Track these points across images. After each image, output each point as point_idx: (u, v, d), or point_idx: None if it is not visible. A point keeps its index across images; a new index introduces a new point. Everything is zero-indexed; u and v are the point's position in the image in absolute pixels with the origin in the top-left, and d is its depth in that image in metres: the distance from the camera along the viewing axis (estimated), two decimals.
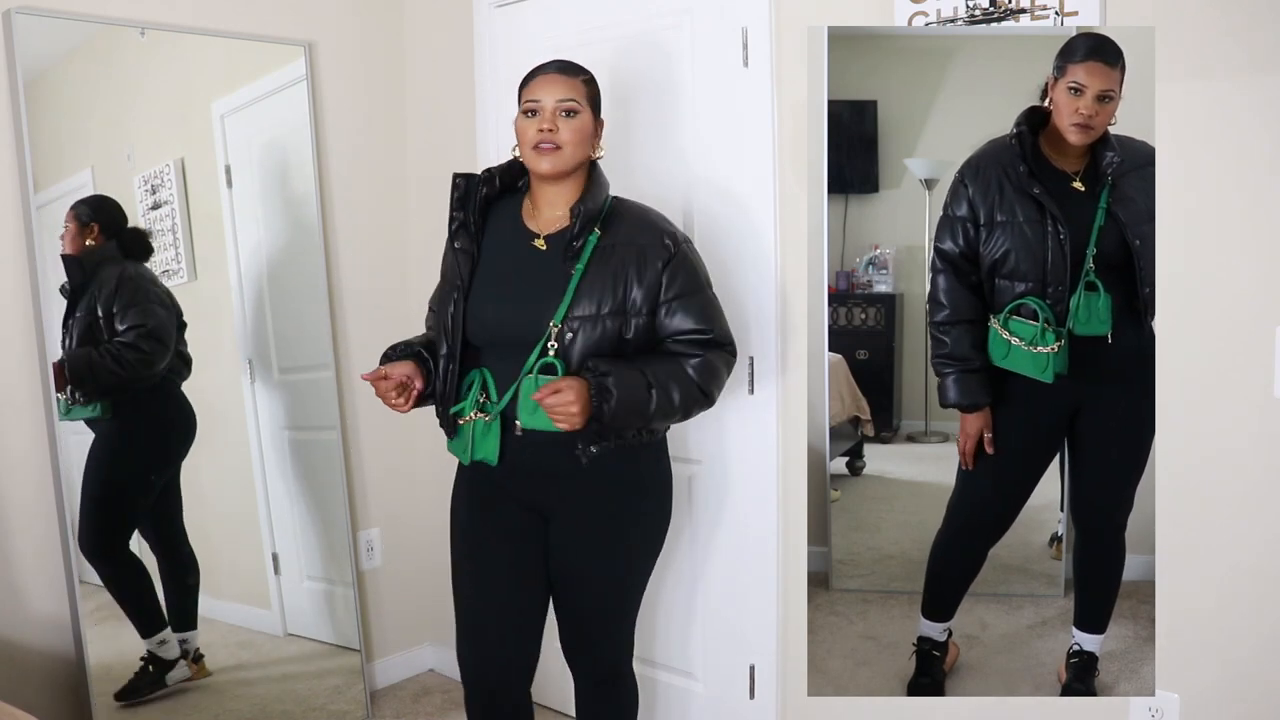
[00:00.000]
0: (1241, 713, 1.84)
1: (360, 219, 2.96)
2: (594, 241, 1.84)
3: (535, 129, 1.84)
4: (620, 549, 1.98)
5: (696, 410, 1.87)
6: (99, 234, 2.47)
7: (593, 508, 1.93)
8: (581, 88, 1.88)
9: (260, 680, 2.74)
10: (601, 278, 1.83)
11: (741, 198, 2.35)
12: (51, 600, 2.44)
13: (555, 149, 1.84)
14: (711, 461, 2.48)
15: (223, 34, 2.64)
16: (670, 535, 2.57)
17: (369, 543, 3.02)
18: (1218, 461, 1.82)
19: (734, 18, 2.30)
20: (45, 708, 2.37)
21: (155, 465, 2.60)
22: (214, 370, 2.65)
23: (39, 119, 2.35)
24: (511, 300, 1.87)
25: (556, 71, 1.89)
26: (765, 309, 2.34)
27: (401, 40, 3.03)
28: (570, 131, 1.84)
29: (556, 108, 1.84)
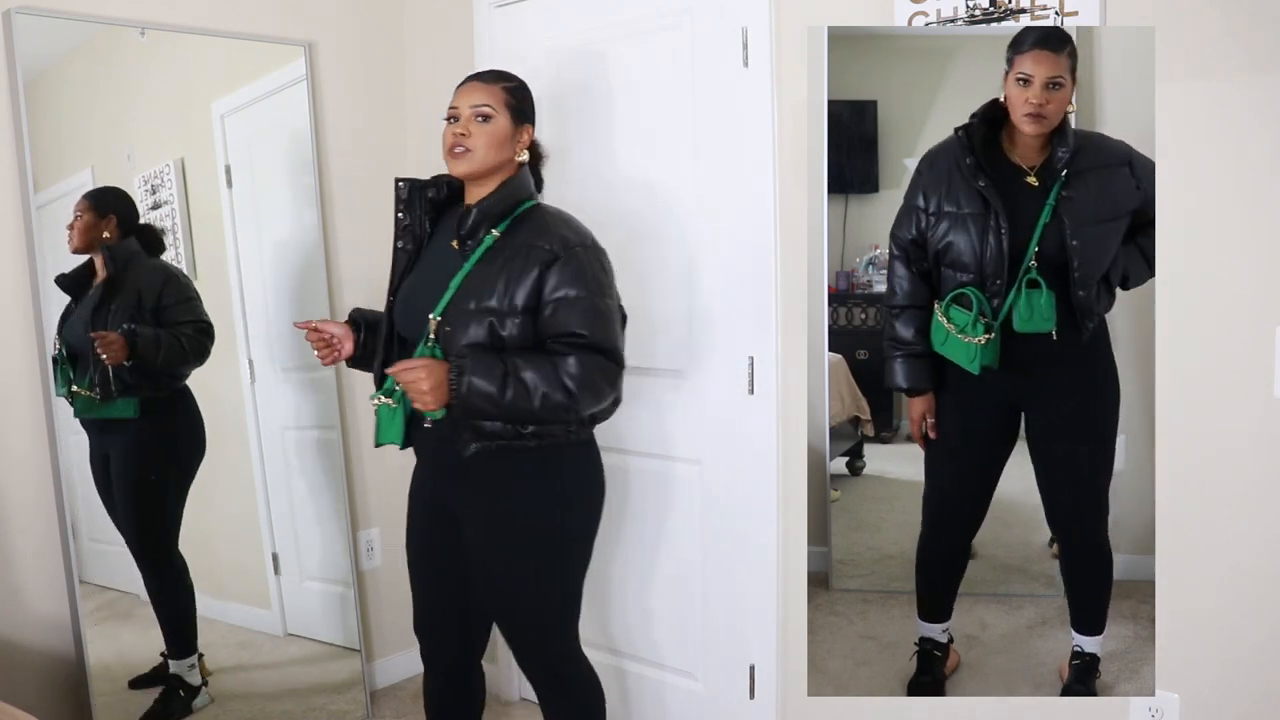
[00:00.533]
0: (1241, 713, 1.84)
1: (360, 219, 2.95)
2: (489, 242, 1.90)
3: (451, 133, 1.93)
4: (502, 559, 1.97)
5: (562, 413, 1.83)
6: (116, 227, 2.47)
7: (491, 514, 1.96)
8: (500, 94, 1.95)
9: (260, 680, 2.74)
10: (487, 276, 1.87)
11: (741, 198, 2.35)
12: (51, 600, 2.44)
13: (467, 152, 1.91)
14: (711, 461, 2.48)
15: (223, 34, 2.64)
16: (670, 535, 2.58)
17: (369, 543, 3.02)
18: (1218, 461, 1.82)
19: (734, 18, 2.30)
20: (45, 708, 2.37)
21: (186, 467, 2.62)
22: (214, 370, 2.65)
23: (39, 119, 2.35)
24: (411, 296, 1.96)
25: (475, 80, 1.98)
26: (765, 309, 2.34)
27: (401, 40, 3.03)
28: (483, 135, 1.92)
29: (472, 113, 1.93)
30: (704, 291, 2.44)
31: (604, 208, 2.59)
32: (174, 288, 2.56)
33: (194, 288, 2.60)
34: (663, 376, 2.54)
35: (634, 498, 2.63)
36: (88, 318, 2.43)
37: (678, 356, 2.50)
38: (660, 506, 2.58)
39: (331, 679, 2.83)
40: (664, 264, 2.49)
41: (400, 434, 1.95)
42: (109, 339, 2.42)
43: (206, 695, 2.62)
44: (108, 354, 2.41)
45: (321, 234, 2.83)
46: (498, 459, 1.90)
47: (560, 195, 2.67)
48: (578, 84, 2.61)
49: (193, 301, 2.59)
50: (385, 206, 3.04)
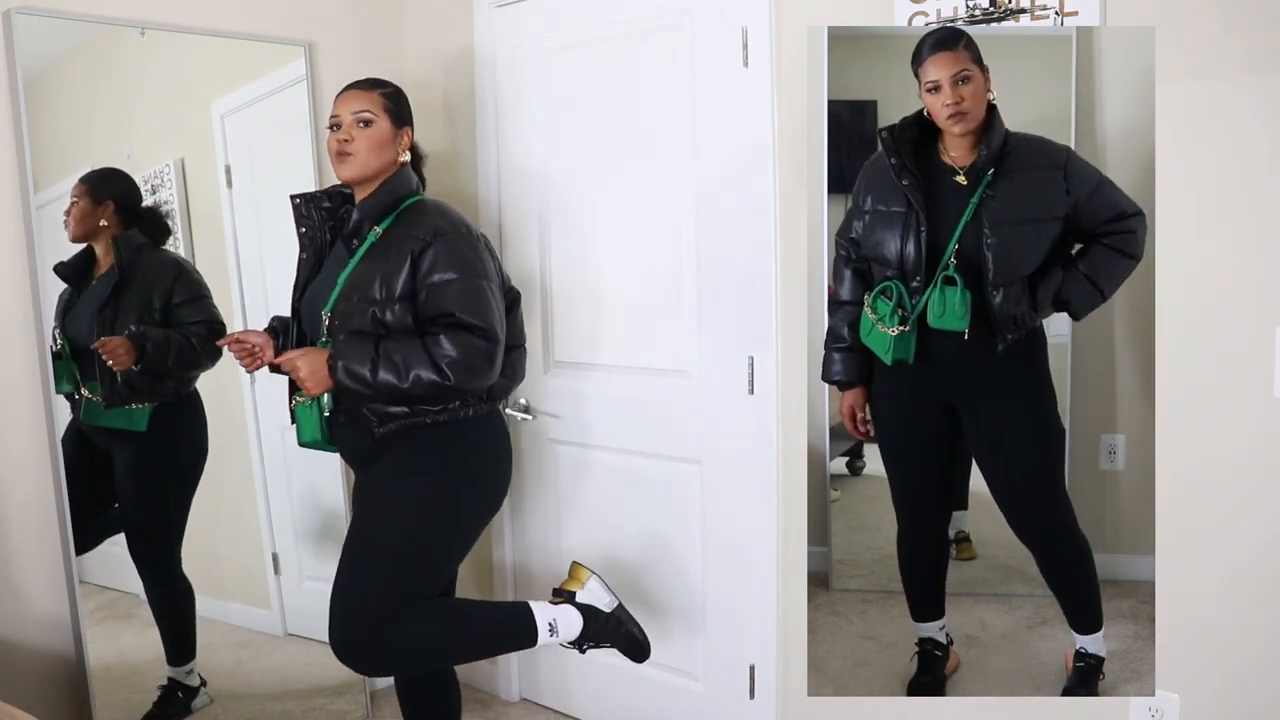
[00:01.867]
0: (1241, 713, 1.84)
1: None
2: (371, 238, 2.03)
3: (335, 140, 2.06)
4: (378, 506, 2.06)
5: (437, 390, 1.95)
6: (115, 214, 2.42)
7: (382, 476, 2.07)
8: (379, 99, 2.09)
9: (260, 680, 2.74)
10: (370, 270, 2.00)
11: (741, 198, 2.35)
12: (51, 600, 2.44)
13: (350, 156, 2.04)
14: (711, 461, 2.48)
15: (223, 34, 2.64)
16: (669, 535, 2.58)
17: None
18: (1218, 462, 1.82)
19: (734, 18, 2.30)
20: (45, 708, 2.37)
21: (191, 476, 2.60)
22: (214, 370, 2.65)
23: (39, 119, 2.35)
24: (313, 298, 2.09)
25: (353, 88, 2.10)
26: (765, 309, 2.34)
27: (402, 40, 3.03)
28: (364, 139, 2.05)
29: (353, 120, 2.06)
30: (704, 291, 2.44)
31: (603, 207, 2.59)
32: (185, 284, 2.51)
33: (204, 283, 2.58)
34: (662, 376, 2.54)
35: (634, 498, 2.63)
36: (92, 315, 2.38)
37: (677, 356, 2.50)
38: (660, 506, 2.58)
39: (331, 679, 2.83)
40: (664, 264, 2.49)
41: (317, 430, 2.06)
42: (113, 346, 2.36)
43: (206, 696, 2.62)
44: (114, 361, 2.37)
45: None
46: (404, 438, 2.03)
47: (558, 194, 2.68)
48: (577, 84, 2.61)
49: (204, 300, 2.55)
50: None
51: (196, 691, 2.60)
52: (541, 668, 2.91)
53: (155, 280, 2.46)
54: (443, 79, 2.94)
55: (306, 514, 2.85)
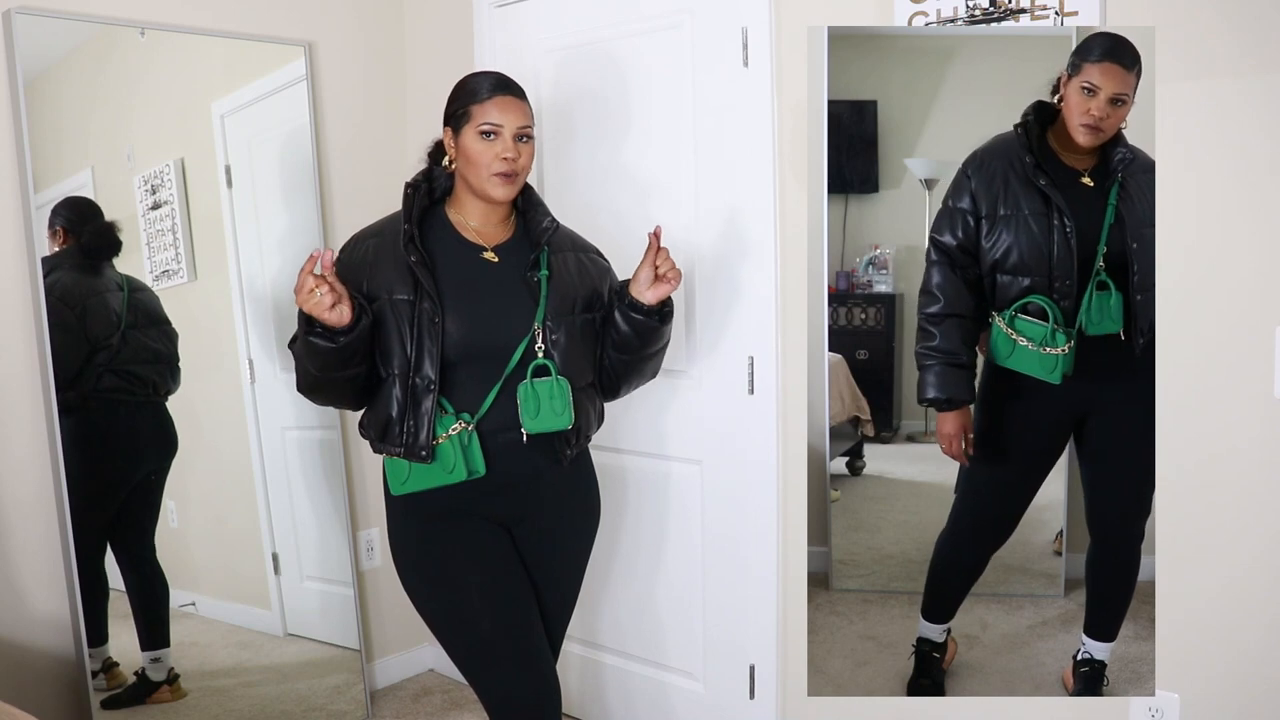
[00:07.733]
0: (1241, 713, 1.84)
1: (360, 219, 2.93)
2: (545, 250, 1.89)
3: (496, 155, 1.80)
4: (583, 549, 2.07)
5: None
6: (64, 237, 2.41)
7: (563, 510, 1.98)
8: (531, 112, 1.87)
9: (260, 680, 2.74)
10: (565, 280, 1.89)
11: (741, 198, 2.35)
12: (51, 600, 2.44)
13: (515, 176, 1.82)
14: (711, 461, 2.48)
15: (223, 34, 2.64)
16: (670, 535, 2.58)
17: (369, 543, 3.02)
18: (1218, 462, 1.82)
19: (734, 18, 2.30)
20: (45, 708, 2.37)
21: (116, 478, 2.55)
22: (214, 370, 2.65)
23: (39, 119, 2.35)
24: (485, 311, 1.81)
25: (514, 96, 1.84)
26: (765, 309, 2.34)
27: (402, 40, 3.03)
28: (527, 158, 1.84)
29: (517, 133, 1.82)
30: (704, 291, 2.44)
31: (603, 207, 2.59)
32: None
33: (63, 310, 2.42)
34: (663, 376, 2.53)
35: (634, 498, 2.63)
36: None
37: (678, 356, 2.50)
38: (660, 506, 2.58)
39: (331, 679, 2.83)
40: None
41: (481, 459, 1.80)
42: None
43: (166, 691, 2.55)
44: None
45: (321, 234, 2.83)
46: (580, 463, 2.00)
47: (559, 195, 2.68)
48: (578, 84, 2.61)
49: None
50: (385, 207, 3.04)
51: (158, 686, 2.54)
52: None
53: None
54: (443, 79, 2.93)
55: (306, 514, 2.85)
